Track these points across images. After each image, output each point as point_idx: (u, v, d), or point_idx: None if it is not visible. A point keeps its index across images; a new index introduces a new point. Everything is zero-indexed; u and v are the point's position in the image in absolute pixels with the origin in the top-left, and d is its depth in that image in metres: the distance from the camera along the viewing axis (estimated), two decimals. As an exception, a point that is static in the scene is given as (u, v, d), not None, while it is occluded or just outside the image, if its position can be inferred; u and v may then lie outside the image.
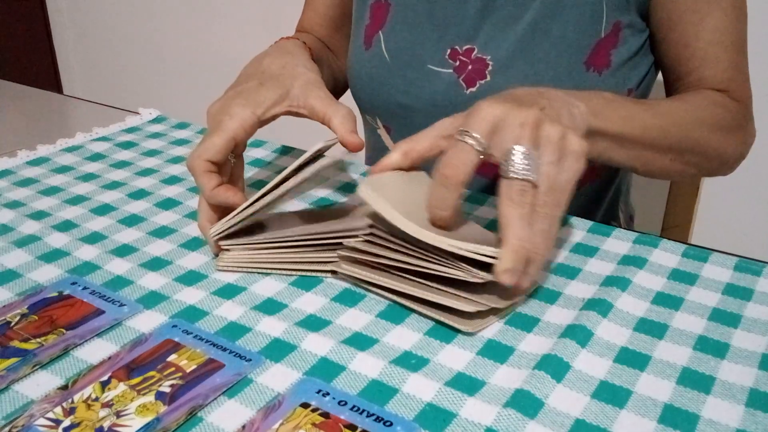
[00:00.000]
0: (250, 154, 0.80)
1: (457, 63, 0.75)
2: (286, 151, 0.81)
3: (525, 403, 0.42)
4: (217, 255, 0.58)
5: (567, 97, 0.55)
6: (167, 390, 0.43)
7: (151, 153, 0.80)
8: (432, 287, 0.50)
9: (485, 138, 0.49)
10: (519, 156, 0.48)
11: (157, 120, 0.90)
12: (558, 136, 0.49)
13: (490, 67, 0.73)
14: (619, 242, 0.59)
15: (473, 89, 0.74)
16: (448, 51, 0.76)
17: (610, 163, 0.62)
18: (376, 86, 0.80)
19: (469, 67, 0.75)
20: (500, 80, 0.73)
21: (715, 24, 0.70)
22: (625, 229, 0.62)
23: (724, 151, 0.71)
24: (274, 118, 0.62)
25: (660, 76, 0.78)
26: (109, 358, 0.46)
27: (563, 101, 0.54)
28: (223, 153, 0.57)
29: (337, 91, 0.90)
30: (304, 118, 0.62)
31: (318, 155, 0.58)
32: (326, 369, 0.45)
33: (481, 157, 0.49)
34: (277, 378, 0.44)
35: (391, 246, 0.51)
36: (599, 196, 0.83)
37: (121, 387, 0.43)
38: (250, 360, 0.46)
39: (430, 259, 0.50)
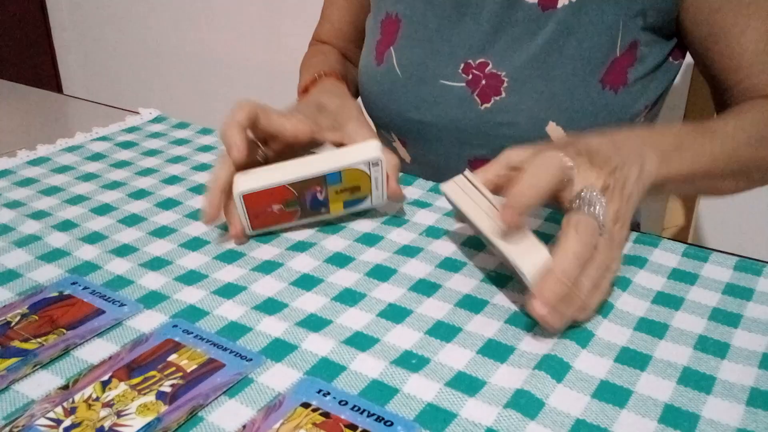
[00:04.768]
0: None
1: (470, 77, 0.75)
2: None
3: (525, 403, 0.42)
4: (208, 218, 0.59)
5: (641, 147, 0.55)
6: (168, 390, 0.43)
7: (151, 153, 0.80)
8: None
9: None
10: (593, 195, 0.49)
11: (157, 120, 0.90)
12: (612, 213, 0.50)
13: (505, 84, 0.73)
14: (619, 242, 0.59)
15: (488, 105, 0.74)
16: (461, 65, 0.75)
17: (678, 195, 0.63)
18: (389, 102, 0.80)
19: (483, 82, 0.74)
20: (515, 97, 0.72)
21: (758, 34, 0.68)
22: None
23: None
24: (322, 143, 0.67)
25: (671, 83, 0.77)
26: (110, 357, 0.46)
27: (636, 156, 0.54)
28: (254, 117, 0.60)
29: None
30: None
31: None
32: (327, 369, 0.45)
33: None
34: (278, 378, 0.44)
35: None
36: None
37: (122, 387, 0.43)
38: (251, 360, 0.46)
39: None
